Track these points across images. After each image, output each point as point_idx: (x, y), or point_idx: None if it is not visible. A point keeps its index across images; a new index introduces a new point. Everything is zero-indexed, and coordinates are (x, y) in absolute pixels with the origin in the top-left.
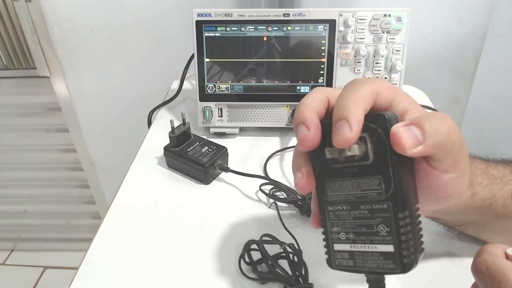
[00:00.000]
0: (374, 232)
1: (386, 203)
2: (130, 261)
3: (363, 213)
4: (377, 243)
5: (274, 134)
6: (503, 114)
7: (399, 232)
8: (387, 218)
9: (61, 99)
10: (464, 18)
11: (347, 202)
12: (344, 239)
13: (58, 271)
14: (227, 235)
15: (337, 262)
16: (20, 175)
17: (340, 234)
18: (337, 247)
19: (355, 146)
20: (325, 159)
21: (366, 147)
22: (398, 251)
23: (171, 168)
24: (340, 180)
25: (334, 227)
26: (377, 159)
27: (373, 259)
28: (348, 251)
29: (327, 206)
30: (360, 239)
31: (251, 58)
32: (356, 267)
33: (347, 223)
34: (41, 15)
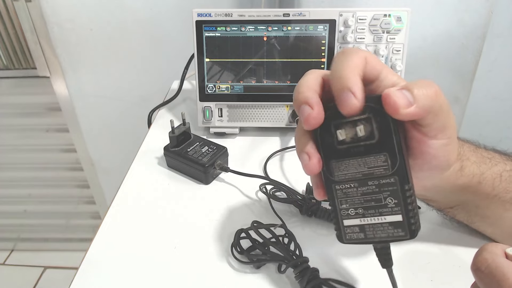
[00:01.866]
0: (383, 204)
1: (393, 177)
2: (130, 261)
3: (371, 188)
4: (386, 214)
5: (274, 134)
6: (503, 114)
7: (406, 203)
8: (395, 191)
9: (61, 99)
10: (464, 18)
11: (355, 180)
12: (354, 215)
13: (58, 271)
14: (227, 235)
15: (348, 237)
16: (20, 175)
17: (350, 210)
18: (347, 222)
19: (362, 127)
20: (330, 141)
21: (372, 127)
22: (407, 219)
23: (171, 168)
24: (346, 160)
25: (343, 205)
26: (382, 137)
27: (383, 230)
28: (358, 225)
29: (334, 186)
30: (370, 212)
31: (251, 58)
32: (367, 239)
33: (355, 199)
34: (41, 15)
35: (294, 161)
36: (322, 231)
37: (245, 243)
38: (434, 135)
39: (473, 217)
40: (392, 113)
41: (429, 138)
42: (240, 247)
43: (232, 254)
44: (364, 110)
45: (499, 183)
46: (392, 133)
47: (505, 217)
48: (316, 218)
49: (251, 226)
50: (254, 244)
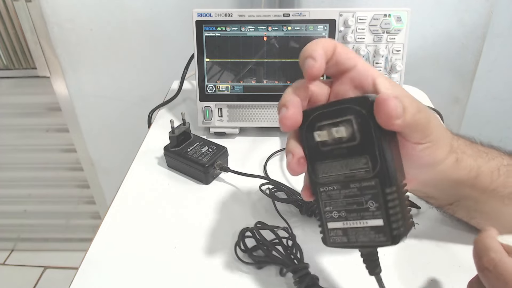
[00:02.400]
0: (364, 208)
1: (373, 180)
2: (130, 261)
3: (353, 191)
4: (367, 218)
5: (274, 134)
6: (503, 114)
7: (387, 206)
8: (376, 194)
9: (61, 99)
10: (464, 18)
11: (338, 182)
12: (337, 217)
13: (58, 271)
14: (227, 235)
15: (332, 240)
16: (20, 175)
17: (333, 213)
18: (331, 225)
19: (342, 129)
20: (314, 143)
21: (353, 128)
22: (388, 224)
23: (171, 168)
24: (329, 162)
25: (327, 207)
26: (363, 139)
27: (365, 234)
28: (341, 228)
29: (319, 188)
30: (352, 216)
31: (251, 58)
32: (349, 243)
33: (338, 202)
34: (41, 15)
35: None
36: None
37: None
38: (415, 142)
39: (472, 213)
40: (384, 122)
41: (411, 143)
42: (244, 246)
43: (235, 253)
44: (346, 111)
45: (497, 177)
46: (373, 135)
47: (504, 212)
48: (316, 218)
49: (254, 226)
50: (258, 244)
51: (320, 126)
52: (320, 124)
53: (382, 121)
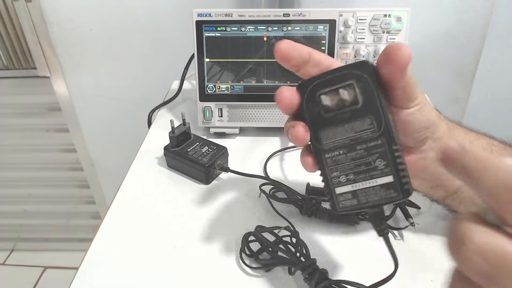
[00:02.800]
0: (373, 167)
1: (380, 139)
2: (130, 261)
3: (359, 153)
4: (376, 177)
5: (274, 134)
6: (503, 114)
7: (395, 162)
8: (383, 152)
9: (61, 99)
10: (464, 18)
11: (344, 146)
12: (345, 181)
13: (58, 271)
14: (227, 235)
15: (341, 205)
16: (20, 175)
17: (340, 177)
18: (339, 190)
19: (345, 93)
20: (316, 111)
21: (355, 92)
22: (398, 179)
23: (171, 168)
24: (333, 127)
25: (334, 172)
26: (366, 101)
27: (375, 193)
28: (350, 191)
29: (324, 154)
30: (360, 177)
31: (251, 58)
32: (360, 204)
33: (345, 165)
34: (41, 15)
35: (294, 161)
36: (322, 231)
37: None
38: (407, 106)
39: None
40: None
41: (403, 108)
42: (250, 250)
43: (241, 259)
44: (346, 77)
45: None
46: (375, 96)
47: None
48: (316, 218)
49: (255, 230)
50: (262, 246)
51: (321, 94)
52: (321, 92)
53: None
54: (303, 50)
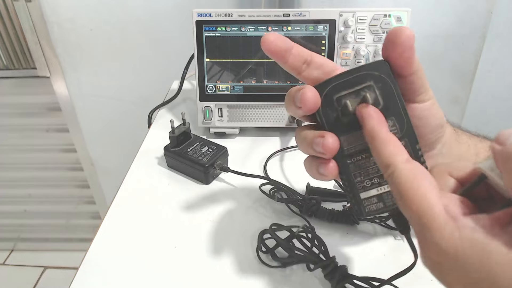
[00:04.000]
0: None
1: (403, 140)
2: (130, 261)
3: None
4: None
5: (274, 134)
6: (503, 114)
7: (420, 162)
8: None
9: (61, 99)
10: (464, 18)
11: (365, 150)
12: (369, 186)
13: (58, 271)
14: (227, 235)
15: (367, 209)
16: (20, 175)
17: (365, 182)
18: (364, 195)
19: (366, 95)
20: (334, 116)
21: (375, 93)
22: None
23: (171, 168)
24: (354, 132)
25: (357, 178)
26: (387, 102)
27: None
28: (375, 195)
29: (345, 160)
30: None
31: (251, 58)
32: (386, 207)
33: (369, 169)
34: (41, 15)
35: (294, 161)
36: (322, 231)
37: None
38: (421, 99)
39: None
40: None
41: (419, 102)
42: (266, 247)
43: (258, 257)
44: (364, 78)
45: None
46: (396, 96)
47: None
48: (316, 218)
49: (270, 228)
50: (279, 243)
51: (339, 98)
52: (339, 96)
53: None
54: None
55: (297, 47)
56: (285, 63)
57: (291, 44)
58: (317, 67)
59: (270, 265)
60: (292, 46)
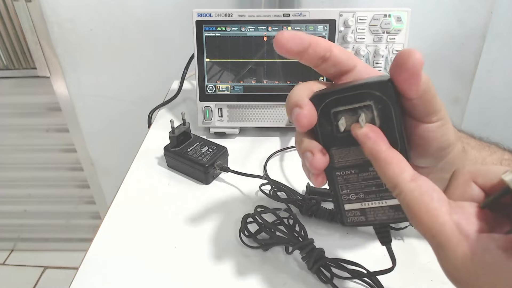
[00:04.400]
0: (384, 189)
1: None
2: (130, 261)
3: (371, 174)
4: (386, 198)
5: (274, 134)
6: (503, 114)
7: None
8: None
9: (61, 99)
10: (464, 18)
11: (356, 166)
12: (354, 199)
13: (58, 271)
14: (227, 235)
15: (349, 220)
16: (20, 175)
17: (350, 195)
18: (348, 207)
19: (362, 114)
20: (329, 129)
21: (373, 114)
22: None
23: (171, 168)
24: (347, 147)
25: (344, 190)
26: (384, 124)
27: (384, 212)
28: (359, 209)
29: (335, 172)
30: (370, 197)
31: (251, 58)
32: (367, 221)
33: (356, 185)
34: (41, 15)
35: (294, 161)
36: (322, 231)
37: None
38: (429, 120)
39: None
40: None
41: (425, 123)
42: (248, 231)
43: (240, 239)
44: (364, 97)
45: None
46: (394, 120)
47: None
48: (316, 218)
49: (255, 211)
50: (260, 227)
51: (336, 112)
52: (336, 110)
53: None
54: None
55: (314, 45)
56: (300, 60)
57: (307, 43)
58: (334, 65)
59: (250, 246)
60: (308, 46)
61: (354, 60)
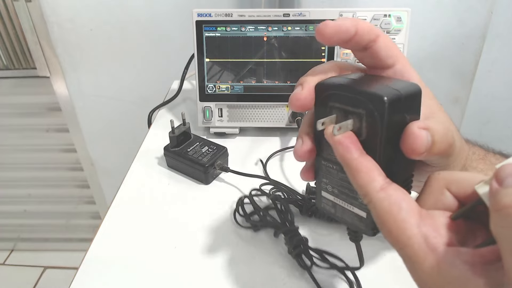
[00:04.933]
0: (353, 196)
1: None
2: (130, 261)
3: (347, 178)
4: (354, 206)
5: (274, 134)
6: (503, 114)
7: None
8: None
9: (61, 99)
10: (464, 18)
11: (337, 163)
12: (330, 191)
13: (58, 271)
14: (227, 234)
15: (323, 205)
16: (20, 175)
17: (328, 186)
18: (324, 194)
19: (349, 122)
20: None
21: (361, 124)
22: (370, 219)
23: (171, 168)
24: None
25: (324, 178)
26: (368, 139)
27: (350, 216)
28: (331, 201)
29: (321, 160)
30: (342, 197)
31: (251, 58)
32: (335, 215)
33: (334, 180)
34: (41, 15)
35: (294, 161)
36: (322, 231)
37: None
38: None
39: None
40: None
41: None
42: (243, 211)
43: (234, 218)
44: (361, 103)
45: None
46: (378, 140)
47: None
48: (316, 218)
49: (249, 194)
50: (255, 210)
51: (332, 107)
52: (332, 105)
53: (405, 150)
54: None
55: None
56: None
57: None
58: (371, 57)
59: (242, 225)
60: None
61: (394, 58)
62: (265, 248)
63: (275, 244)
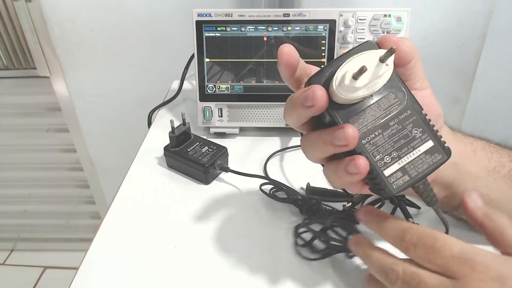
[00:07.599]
0: (412, 138)
1: (409, 109)
2: (130, 261)
3: (394, 127)
4: (418, 145)
5: (274, 134)
6: (503, 114)
7: (429, 126)
8: (416, 121)
9: (61, 99)
10: (464, 18)
11: (377, 126)
12: (390, 161)
13: (58, 271)
14: (227, 235)
15: (395, 186)
16: (20, 175)
17: (385, 158)
18: (388, 171)
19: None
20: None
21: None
22: (437, 141)
23: (171, 168)
24: (362, 113)
25: (377, 156)
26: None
27: (422, 162)
28: (399, 169)
29: (360, 141)
30: (404, 151)
31: (251, 58)
32: (412, 178)
33: (386, 145)
34: (41, 15)
35: (294, 161)
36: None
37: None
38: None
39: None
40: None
41: (419, 90)
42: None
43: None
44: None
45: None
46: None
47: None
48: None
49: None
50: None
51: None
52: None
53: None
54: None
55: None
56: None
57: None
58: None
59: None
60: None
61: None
62: (265, 248)
63: (275, 244)
